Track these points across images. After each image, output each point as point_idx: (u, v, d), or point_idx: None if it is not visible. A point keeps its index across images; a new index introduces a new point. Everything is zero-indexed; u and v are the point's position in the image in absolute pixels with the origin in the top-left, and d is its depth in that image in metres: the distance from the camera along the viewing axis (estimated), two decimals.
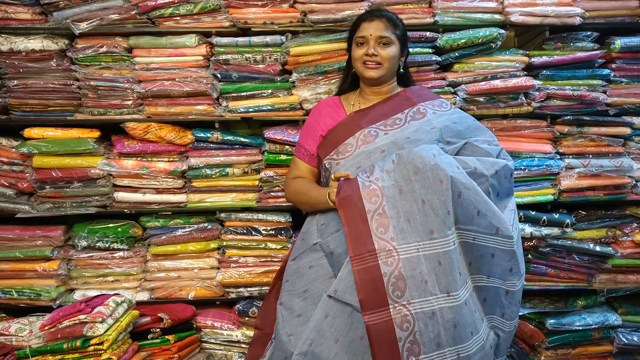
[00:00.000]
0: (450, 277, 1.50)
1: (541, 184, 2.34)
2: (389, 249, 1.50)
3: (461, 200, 1.54)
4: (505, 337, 1.66)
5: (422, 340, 1.46)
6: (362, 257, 1.50)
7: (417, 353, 1.45)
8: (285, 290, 1.71)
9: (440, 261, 1.51)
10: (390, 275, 1.47)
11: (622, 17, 2.34)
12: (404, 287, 1.47)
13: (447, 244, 1.52)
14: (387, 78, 1.89)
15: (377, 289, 1.46)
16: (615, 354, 2.38)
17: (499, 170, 1.65)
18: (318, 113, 1.92)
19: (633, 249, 2.36)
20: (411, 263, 1.49)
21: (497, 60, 2.32)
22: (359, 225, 1.54)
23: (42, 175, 2.31)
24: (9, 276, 2.39)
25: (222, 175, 2.37)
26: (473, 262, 1.59)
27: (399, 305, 1.46)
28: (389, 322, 1.45)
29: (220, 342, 2.39)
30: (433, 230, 1.52)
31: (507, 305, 1.63)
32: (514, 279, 1.62)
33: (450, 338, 1.48)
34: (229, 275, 2.38)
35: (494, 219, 1.57)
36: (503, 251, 1.58)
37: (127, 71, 2.34)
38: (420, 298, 1.47)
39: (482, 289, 1.61)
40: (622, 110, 2.35)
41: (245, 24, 2.29)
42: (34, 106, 2.35)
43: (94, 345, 1.95)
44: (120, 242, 2.39)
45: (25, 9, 2.27)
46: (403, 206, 1.55)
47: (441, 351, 1.47)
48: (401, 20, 1.93)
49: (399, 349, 1.45)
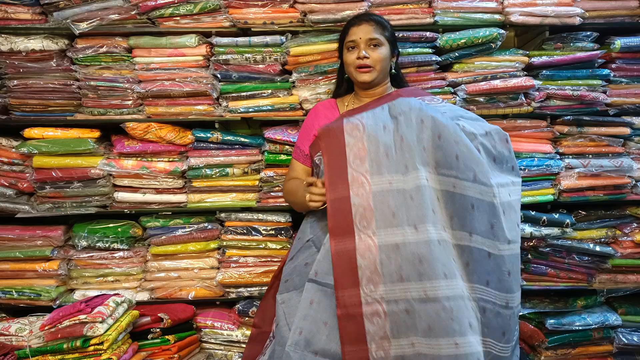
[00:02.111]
0: (421, 212, 1.49)
1: (541, 184, 2.34)
2: (361, 181, 1.54)
3: (441, 142, 1.54)
4: (493, 311, 1.52)
5: (383, 271, 1.47)
6: (336, 186, 1.56)
7: (376, 282, 1.46)
8: (284, 289, 1.72)
9: (412, 195, 1.51)
10: (359, 206, 1.52)
11: (622, 17, 2.34)
12: (371, 218, 1.50)
13: (419, 179, 1.52)
14: (380, 80, 1.91)
15: (345, 217, 1.51)
16: (615, 354, 2.38)
17: (489, 132, 1.64)
18: (315, 114, 1.95)
19: (633, 249, 2.36)
20: (381, 195, 1.52)
21: (497, 60, 2.32)
22: (336, 156, 1.59)
23: (42, 175, 2.31)
24: (9, 276, 2.39)
25: (222, 175, 2.37)
26: (455, 215, 1.53)
27: (364, 234, 1.49)
28: (352, 249, 1.49)
29: (220, 342, 2.39)
30: (408, 165, 1.55)
31: (491, 272, 1.52)
32: (497, 240, 1.53)
33: (415, 273, 1.45)
34: (229, 275, 2.38)
35: (472, 162, 1.53)
36: (482, 202, 1.52)
37: (127, 71, 2.34)
38: (386, 229, 1.49)
39: (465, 250, 1.52)
40: (622, 110, 2.35)
41: (245, 24, 2.29)
42: (34, 106, 2.35)
43: (94, 345, 1.95)
44: (120, 242, 2.39)
45: (25, 9, 2.27)
46: (384, 141, 1.58)
47: (405, 285, 1.45)
48: (389, 22, 1.96)
49: (358, 276, 1.47)
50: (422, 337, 1.43)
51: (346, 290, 1.48)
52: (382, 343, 1.46)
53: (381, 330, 1.46)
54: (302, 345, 1.52)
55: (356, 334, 1.47)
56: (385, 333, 1.46)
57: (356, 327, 1.47)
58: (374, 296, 1.47)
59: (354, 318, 1.47)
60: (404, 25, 2.28)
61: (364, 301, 1.47)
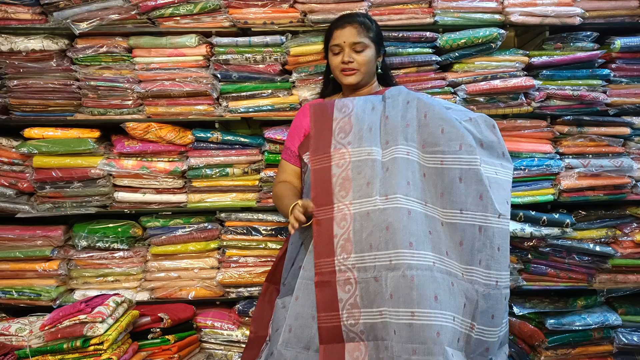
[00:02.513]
0: (394, 182, 1.53)
1: (541, 184, 2.34)
2: (342, 152, 1.61)
3: (427, 120, 1.60)
4: (484, 293, 1.50)
5: (355, 239, 1.50)
6: (320, 157, 1.63)
7: (349, 251, 1.50)
8: (284, 293, 1.73)
9: (388, 167, 1.56)
10: (339, 176, 1.58)
11: (622, 17, 2.34)
12: (349, 188, 1.55)
13: (397, 152, 1.58)
14: (366, 81, 1.92)
15: (327, 188, 1.58)
16: (615, 354, 2.38)
17: (474, 118, 1.65)
18: (303, 114, 1.93)
19: (633, 249, 2.36)
20: (359, 165, 1.57)
21: (497, 60, 2.32)
22: (323, 129, 1.67)
23: (42, 175, 2.31)
24: (9, 276, 2.39)
25: (222, 175, 2.37)
26: (445, 193, 1.55)
27: (342, 204, 1.54)
28: (330, 219, 1.54)
29: (220, 342, 2.39)
30: (389, 140, 1.61)
31: (482, 248, 1.51)
32: (487, 211, 1.52)
33: (383, 241, 1.48)
34: (229, 275, 2.38)
35: (457, 135, 1.56)
36: (468, 171, 1.53)
37: (127, 71, 2.34)
38: (361, 199, 1.53)
39: (457, 227, 1.53)
40: (622, 110, 2.35)
41: (245, 24, 2.29)
42: (34, 106, 2.36)
43: (94, 345, 1.95)
44: (120, 242, 2.39)
45: (25, 9, 2.27)
46: (370, 119, 1.66)
47: (374, 253, 1.48)
48: (374, 22, 1.95)
49: (334, 245, 1.51)
50: (388, 306, 1.45)
51: (323, 258, 1.53)
52: (352, 311, 1.49)
53: (352, 298, 1.49)
54: (294, 342, 1.56)
55: (330, 301, 1.51)
56: (355, 301, 1.49)
57: (330, 294, 1.51)
58: (347, 264, 1.50)
59: (328, 285, 1.51)
60: (404, 25, 2.29)
61: (337, 269, 1.51)
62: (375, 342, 1.48)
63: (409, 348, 1.41)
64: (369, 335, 1.48)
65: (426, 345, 1.40)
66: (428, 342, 1.40)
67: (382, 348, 1.46)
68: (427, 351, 1.39)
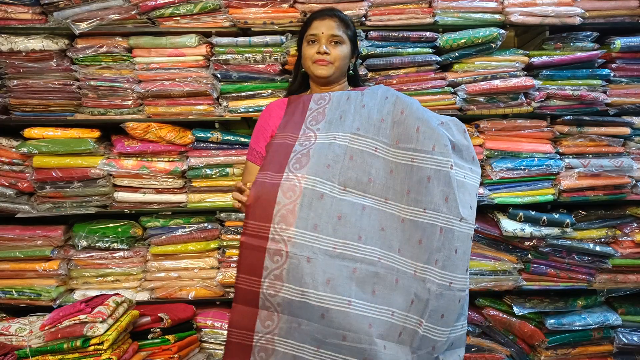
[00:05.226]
0: (354, 174, 1.55)
1: (541, 184, 2.34)
2: (309, 135, 1.63)
3: (404, 117, 1.61)
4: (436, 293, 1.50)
5: (300, 215, 1.49)
6: (285, 135, 1.67)
7: (289, 223, 1.49)
8: None
9: (352, 155, 1.57)
10: (298, 152, 1.59)
11: (622, 17, 2.35)
12: (306, 163, 1.56)
13: (366, 145, 1.58)
14: (337, 77, 1.88)
15: (282, 159, 1.59)
16: (615, 354, 2.39)
17: (446, 122, 1.65)
18: (268, 114, 1.87)
19: (633, 249, 2.36)
20: (323, 147, 1.58)
21: (497, 60, 2.32)
22: (295, 116, 1.71)
23: (42, 175, 2.31)
24: (9, 276, 2.39)
25: (222, 175, 2.37)
26: (411, 190, 1.55)
27: (292, 175, 1.54)
28: (276, 184, 1.53)
29: (220, 342, 2.39)
30: (360, 127, 1.61)
31: (441, 248, 1.51)
32: (450, 214, 1.52)
33: (331, 228, 1.49)
34: (229, 275, 2.38)
35: (433, 136, 1.56)
36: (439, 172, 1.53)
37: (127, 71, 2.34)
38: (317, 177, 1.53)
39: (418, 225, 1.53)
40: (622, 110, 2.35)
41: (245, 24, 2.29)
42: (34, 106, 2.36)
43: (94, 345, 1.95)
44: (120, 242, 2.39)
45: (25, 9, 2.27)
46: (343, 109, 1.67)
47: (316, 235, 1.48)
48: (352, 22, 1.94)
49: (274, 211, 1.50)
50: (317, 290, 1.45)
51: (257, 221, 1.51)
52: (275, 282, 1.48)
53: (278, 270, 1.48)
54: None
55: (254, 265, 1.50)
56: (281, 273, 1.48)
57: (257, 258, 1.50)
58: (283, 235, 1.49)
59: (257, 250, 1.49)
60: (404, 25, 2.29)
61: (271, 237, 1.49)
62: (289, 317, 1.48)
63: (339, 333, 1.45)
64: (284, 310, 1.48)
65: (357, 334, 1.45)
66: (359, 332, 1.45)
67: (295, 324, 1.47)
68: (356, 339, 1.45)
